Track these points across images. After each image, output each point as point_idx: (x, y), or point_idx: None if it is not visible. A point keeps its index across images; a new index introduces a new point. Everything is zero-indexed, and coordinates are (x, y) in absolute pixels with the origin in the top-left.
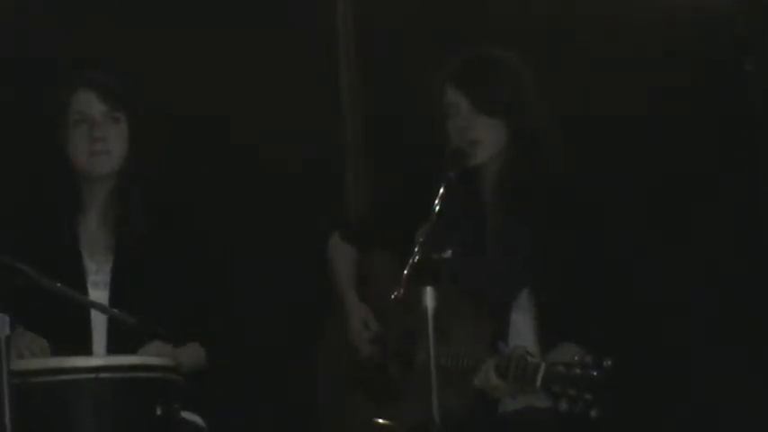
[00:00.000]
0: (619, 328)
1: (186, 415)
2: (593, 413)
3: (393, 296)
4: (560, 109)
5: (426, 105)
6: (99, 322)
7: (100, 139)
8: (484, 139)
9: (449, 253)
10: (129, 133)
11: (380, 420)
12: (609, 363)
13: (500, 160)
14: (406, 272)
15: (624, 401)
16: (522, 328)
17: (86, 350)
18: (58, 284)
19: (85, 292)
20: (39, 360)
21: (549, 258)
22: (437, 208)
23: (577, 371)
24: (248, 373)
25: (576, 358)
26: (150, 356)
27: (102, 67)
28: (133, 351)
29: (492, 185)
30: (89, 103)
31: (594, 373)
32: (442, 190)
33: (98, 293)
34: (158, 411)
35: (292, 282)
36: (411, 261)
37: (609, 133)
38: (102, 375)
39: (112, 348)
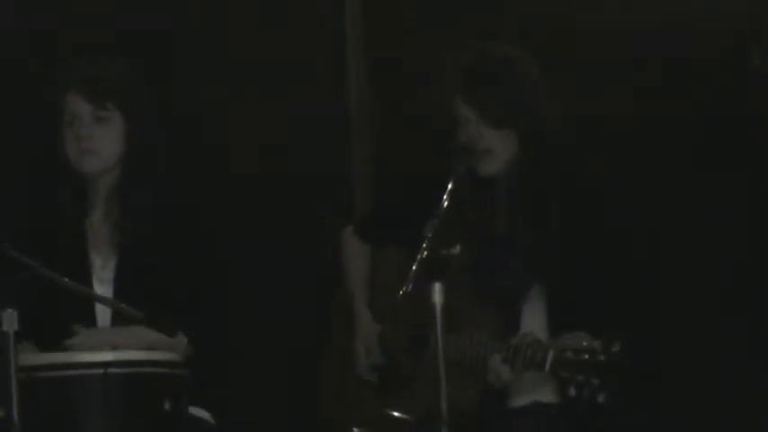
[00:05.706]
0: (628, 320)
1: (194, 410)
2: (600, 398)
3: (401, 291)
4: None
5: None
6: (103, 317)
7: (85, 138)
8: (496, 149)
9: (457, 249)
10: (123, 130)
11: (396, 413)
12: (617, 348)
13: (512, 165)
14: (414, 267)
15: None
16: (533, 322)
17: None
18: (66, 279)
19: (91, 288)
20: (47, 355)
21: (559, 252)
22: (446, 203)
23: (585, 356)
24: (255, 368)
25: (584, 344)
26: (158, 351)
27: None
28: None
29: (505, 191)
30: (77, 104)
31: (602, 358)
32: (450, 185)
33: (104, 289)
34: (166, 406)
35: (298, 276)
36: (419, 256)
37: (610, 132)
38: (111, 370)
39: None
